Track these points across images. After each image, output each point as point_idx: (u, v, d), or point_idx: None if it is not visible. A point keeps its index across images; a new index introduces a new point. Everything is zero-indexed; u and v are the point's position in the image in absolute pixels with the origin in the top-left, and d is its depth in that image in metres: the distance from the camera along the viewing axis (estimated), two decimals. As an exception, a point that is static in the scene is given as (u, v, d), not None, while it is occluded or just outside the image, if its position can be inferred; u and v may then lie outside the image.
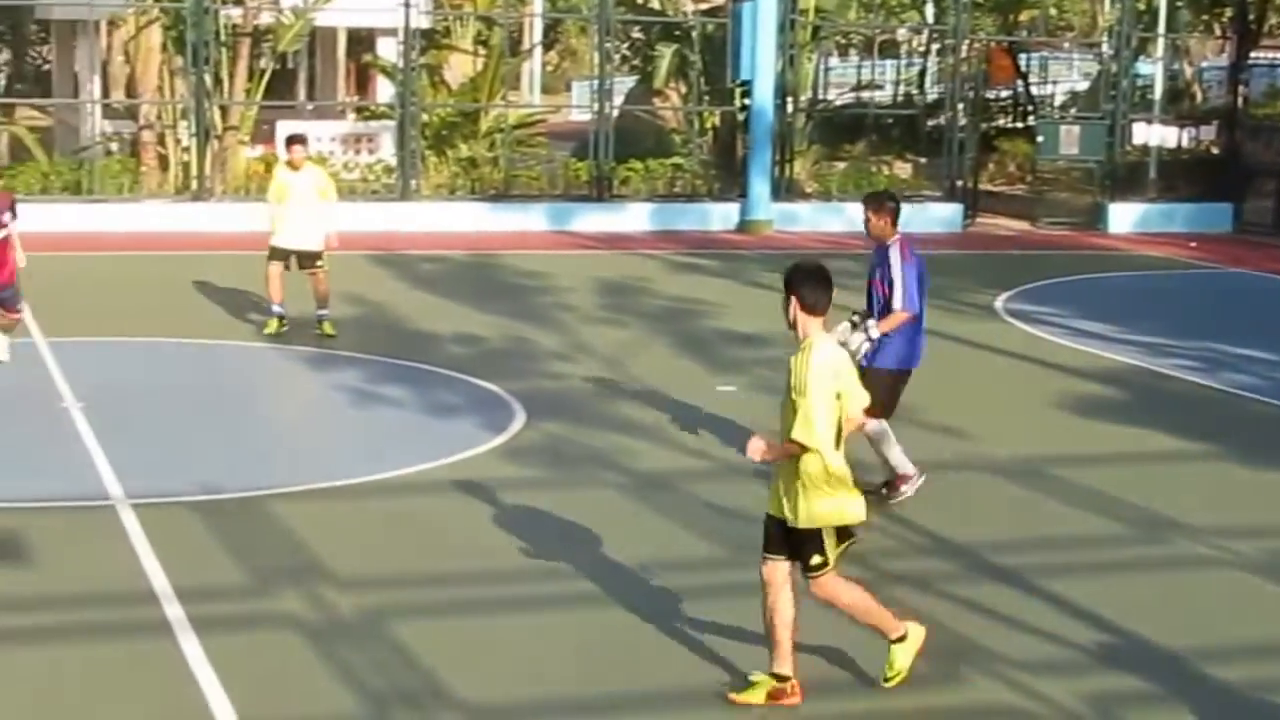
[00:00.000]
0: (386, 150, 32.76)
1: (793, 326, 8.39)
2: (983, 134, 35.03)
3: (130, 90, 32.73)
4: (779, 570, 8.46)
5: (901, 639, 8.66)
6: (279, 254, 18.35)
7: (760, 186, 30.65)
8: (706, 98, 33.70)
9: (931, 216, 31.51)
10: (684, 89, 34.77)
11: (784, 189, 31.64)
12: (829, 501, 8.33)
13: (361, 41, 37.98)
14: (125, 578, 10.21)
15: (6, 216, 14.75)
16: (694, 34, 33.33)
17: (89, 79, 33.82)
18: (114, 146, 31.92)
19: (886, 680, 8.65)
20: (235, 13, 31.18)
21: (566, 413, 14.92)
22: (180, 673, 8.71)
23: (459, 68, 35.56)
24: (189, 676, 8.66)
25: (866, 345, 11.91)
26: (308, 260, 18.38)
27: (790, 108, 32.39)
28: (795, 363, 8.24)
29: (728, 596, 9.96)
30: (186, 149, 29.83)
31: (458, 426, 14.49)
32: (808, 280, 8.35)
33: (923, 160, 35.33)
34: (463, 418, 14.83)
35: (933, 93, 38.94)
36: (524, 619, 9.84)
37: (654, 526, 11.74)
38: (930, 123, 36.50)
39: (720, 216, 30.68)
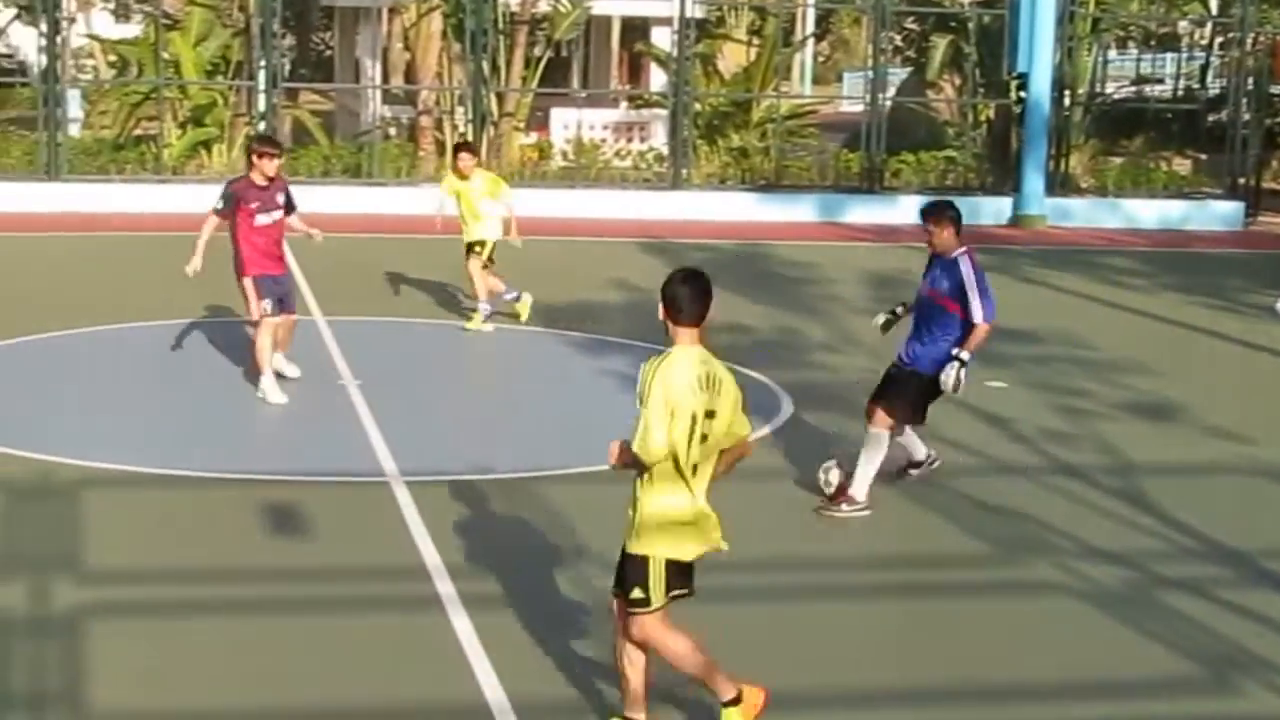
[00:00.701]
0: (658, 138, 33.00)
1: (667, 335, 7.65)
2: (1267, 130, 34.03)
3: (409, 76, 33.45)
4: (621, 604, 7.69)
5: (734, 701, 7.74)
6: (469, 248, 18.65)
7: (1034, 181, 30.21)
8: (981, 90, 33.30)
9: (1211, 214, 30.78)
10: (958, 81, 34.40)
11: (1058, 184, 31.17)
12: (662, 530, 7.52)
13: (636, 30, 38.29)
14: (398, 553, 10.44)
15: (280, 198, 14.70)
16: (970, 25, 32.93)
17: (370, 65, 34.68)
18: (392, 131, 32.67)
19: None
20: (513, 0, 31.65)
21: (835, 404, 14.86)
22: (450, 648, 8.88)
23: (732, 57, 35.63)
24: (459, 652, 8.81)
25: (964, 374, 11.50)
26: (477, 246, 18.69)
27: (1067, 101, 31.87)
28: (645, 369, 7.48)
29: (991, 595, 9.86)
30: (463, 134, 30.38)
31: (725, 414, 14.51)
32: (681, 287, 7.57)
33: (1203, 157, 34.45)
34: (730, 406, 14.85)
35: (1214, 87, 37.93)
36: (775, 608, 9.87)
37: (918, 521, 11.65)
38: (1211, 118, 35.56)
39: (992, 211, 30.28)
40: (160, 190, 28.79)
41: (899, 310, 12.06)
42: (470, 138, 29.77)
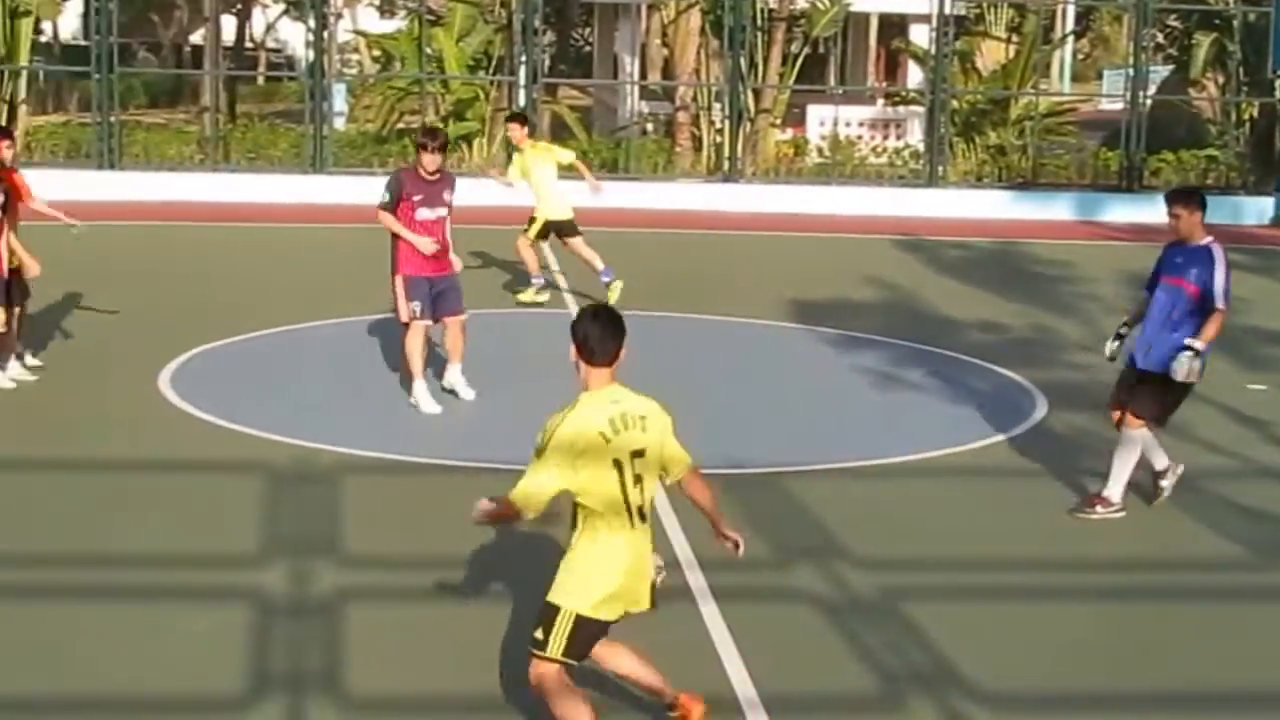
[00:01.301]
0: (914, 135, 32.78)
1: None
2: None
3: (667, 73, 33.67)
4: None
5: None
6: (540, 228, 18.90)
7: (1299, 181, 29.45)
8: (1245, 88, 32.47)
9: None
10: (1221, 79, 33.59)
11: (1326, 184, 30.30)
12: (576, 579, 7.14)
13: (893, 26, 38.08)
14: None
15: (447, 194, 13.86)
16: (1234, 23, 32.13)
17: (628, 61, 34.98)
18: (650, 127, 32.93)
19: None
20: (772, -2, 31.73)
21: (1090, 404, 14.61)
22: (700, 638, 8.92)
23: (990, 54, 35.24)
24: (708, 642, 8.85)
25: (1197, 364, 11.13)
26: (564, 230, 18.84)
27: (1336, 98, 30.98)
28: (549, 422, 7.08)
29: (1248, 599, 9.64)
30: (719, 131, 30.51)
31: (978, 413, 14.38)
32: (592, 325, 7.15)
33: None
34: (984, 404, 14.71)
35: None
36: (1031, 608, 9.75)
37: (1173, 524, 11.42)
38: None
39: (1255, 211, 29.55)
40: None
41: (1123, 330, 11.81)
42: (727, 134, 29.93)
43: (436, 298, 13.78)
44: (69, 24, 45.97)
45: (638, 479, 7.11)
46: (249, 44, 51.71)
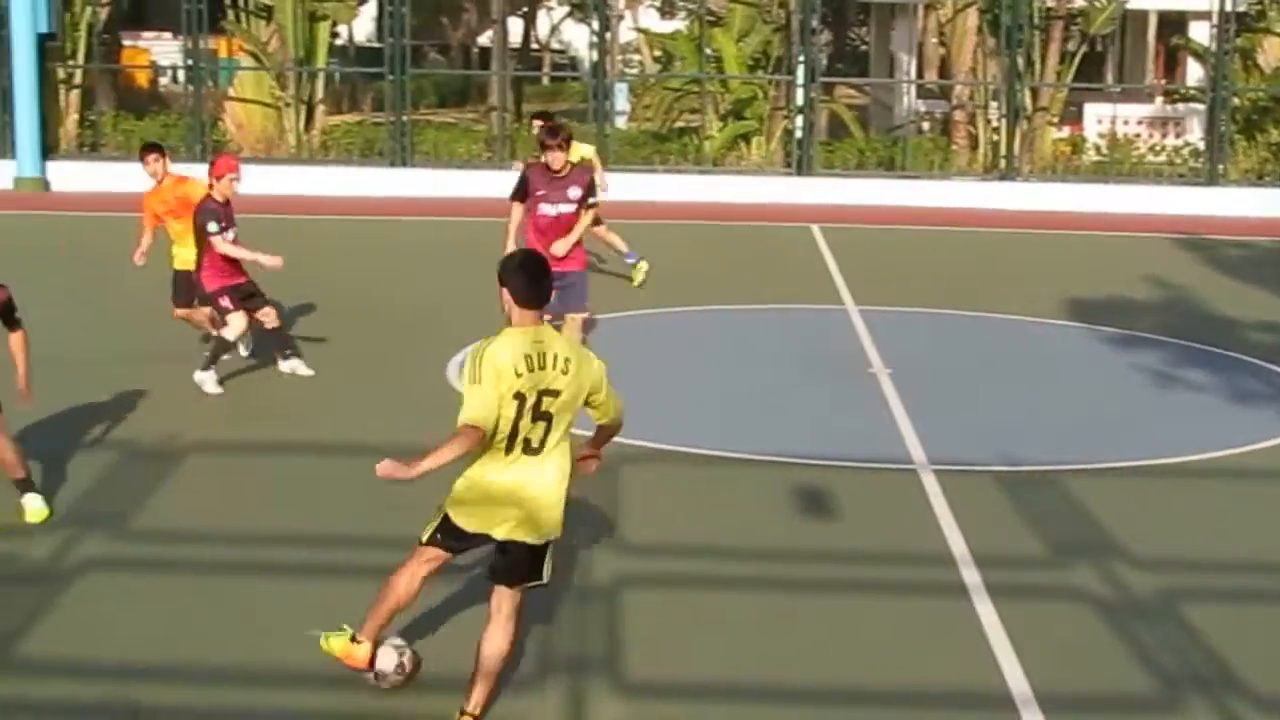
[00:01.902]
0: (1194, 134, 32.20)
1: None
2: None
3: (944, 71, 33.57)
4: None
5: (355, 641, 7.83)
6: None
7: None
8: None
9: None
10: None
11: None
12: (452, 494, 7.62)
13: (1172, 24, 37.41)
14: (925, 540, 10.54)
15: (573, 191, 14.13)
16: None
17: (904, 60, 34.98)
18: (925, 125, 32.90)
19: (316, 634, 8.00)
20: (1050, -4, 31.47)
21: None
22: (975, 636, 8.93)
23: (1272, 51, 34.41)
24: (983, 640, 8.86)
25: None
26: None
27: None
28: (475, 346, 7.43)
29: None
30: (996, 129, 30.36)
31: (1260, 414, 14.19)
32: (519, 276, 7.48)
33: None
34: (1265, 405, 14.53)
35: None
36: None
37: None
38: None
39: None
40: (700, 181, 29.84)
41: None
42: (1004, 132, 29.79)
43: (560, 292, 14.02)
44: (363, 27, 47.36)
45: (541, 415, 7.41)
46: (534, 45, 52.73)
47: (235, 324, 14.09)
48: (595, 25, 31.47)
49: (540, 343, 7.45)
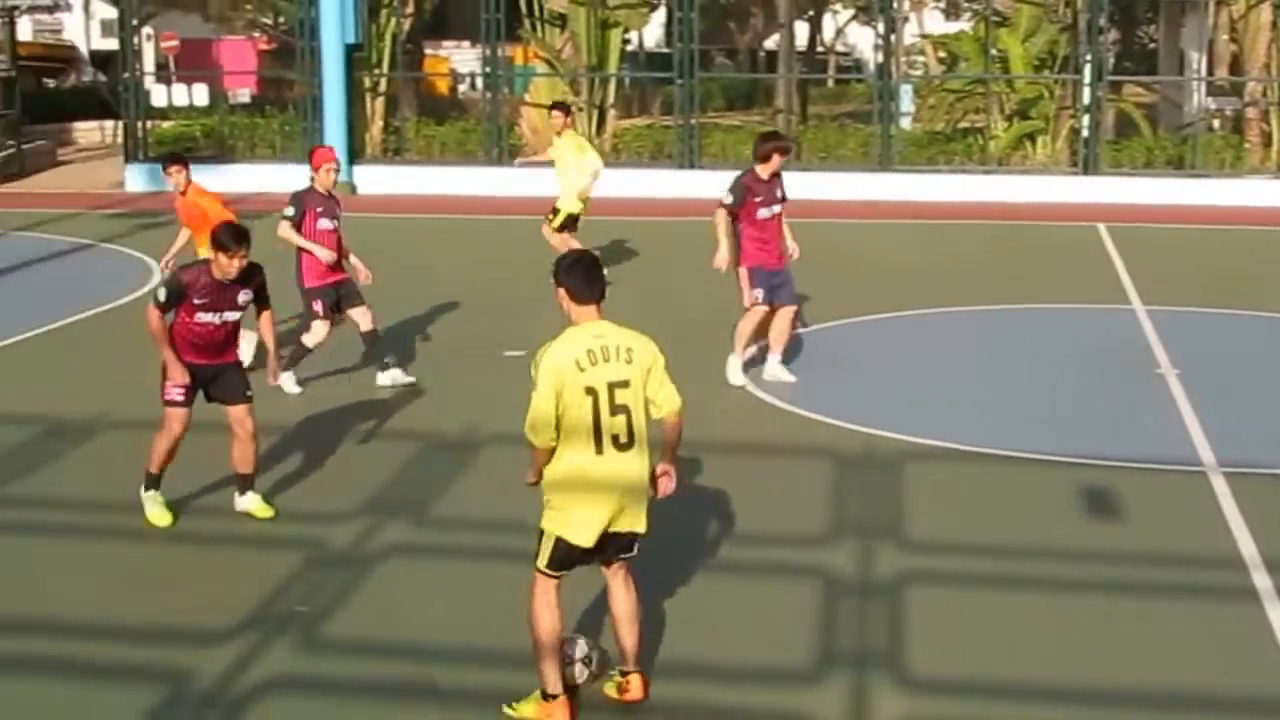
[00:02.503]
0: None
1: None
2: None
3: (1235, 68, 32.95)
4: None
5: (547, 698, 7.67)
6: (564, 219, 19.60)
7: None
8: None
9: None
10: None
11: None
12: (552, 508, 7.64)
13: None
14: (1212, 542, 10.40)
15: (779, 192, 14.50)
16: None
17: (1194, 57, 34.37)
18: (1216, 123, 32.34)
19: (507, 706, 7.81)
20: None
21: None
22: (1266, 642, 8.79)
23: None
24: (1275, 647, 8.73)
25: None
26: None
27: None
28: (539, 351, 7.56)
29: None
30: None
31: None
32: (573, 275, 7.65)
33: None
34: None
35: None
36: None
37: None
38: None
39: None
40: (985, 181, 29.81)
41: None
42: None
43: (776, 289, 14.53)
44: (653, 33, 48.05)
45: (618, 408, 7.51)
46: (820, 49, 52.91)
47: (317, 331, 14.45)
48: (880, 28, 31.63)
49: (600, 336, 7.58)
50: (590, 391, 7.45)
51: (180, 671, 8.47)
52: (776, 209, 14.51)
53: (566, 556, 7.66)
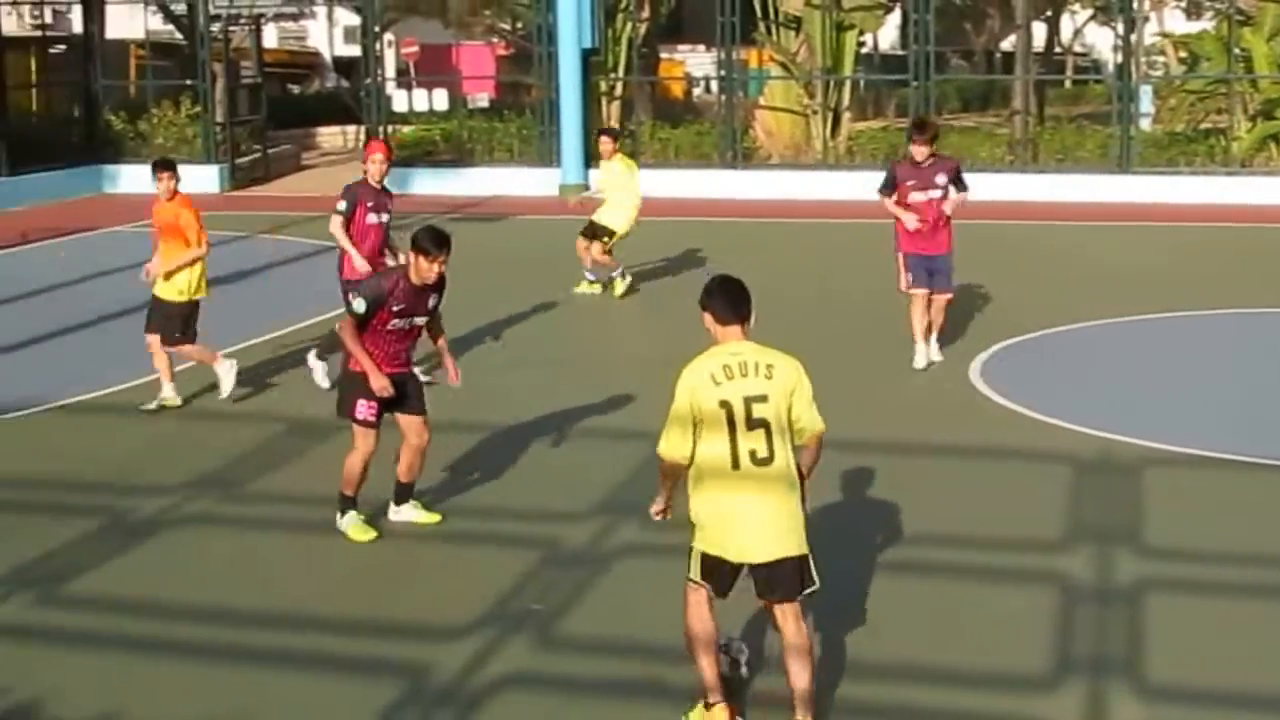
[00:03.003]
0: None
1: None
2: None
3: None
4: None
5: (709, 706, 7.64)
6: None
7: None
8: None
9: None
10: None
11: None
12: (695, 523, 7.59)
13: None
14: None
15: (940, 178, 14.89)
16: None
17: None
18: None
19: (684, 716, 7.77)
20: None
21: None
22: None
23: None
24: None
25: None
26: (599, 232, 19.05)
27: None
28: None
29: None
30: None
31: None
32: (719, 297, 7.67)
33: None
34: None
35: None
36: None
37: None
38: None
39: None
40: (1228, 183, 29.19)
41: None
42: None
43: (931, 274, 14.83)
44: (888, 35, 47.86)
45: (756, 423, 7.40)
46: (1057, 49, 52.15)
47: None
48: (1119, 27, 31.14)
49: (738, 353, 7.55)
50: (725, 405, 7.42)
51: (419, 666, 8.67)
52: (934, 194, 14.81)
53: (712, 571, 7.60)
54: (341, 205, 14.43)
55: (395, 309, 10.36)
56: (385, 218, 14.53)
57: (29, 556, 10.48)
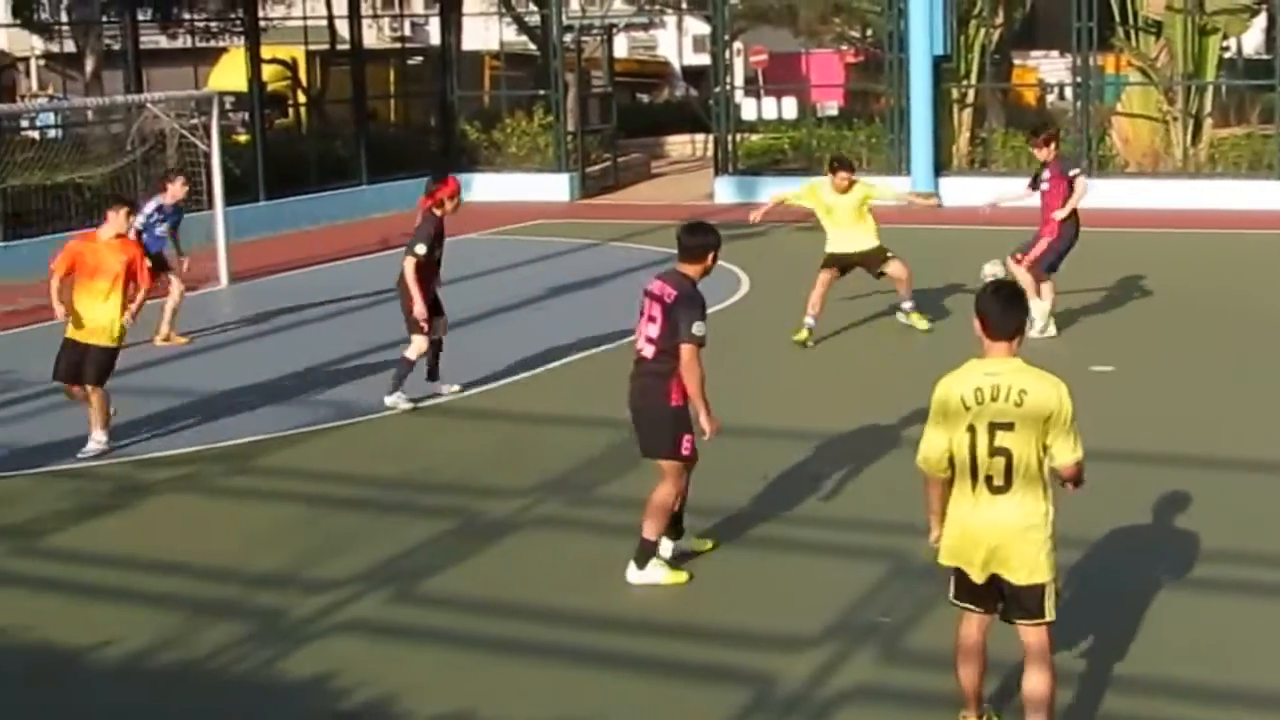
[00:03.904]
0: None
1: None
2: None
3: None
4: None
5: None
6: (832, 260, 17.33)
7: None
8: None
9: None
10: None
11: None
12: (949, 538, 7.46)
13: None
14: None
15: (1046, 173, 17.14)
16: None
17: None
18: None
19: None
20: None
21: None
22: None
23: None
24: None
25: None
26: (871, 258, 17.25)
27: None
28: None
29: None
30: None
31: None
32: (993, 302, 7.36)
33: None
34: None
35: None
36: None
37: None
38: None
39: None
40: None
41: None
42: None
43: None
44: (1253, 39, 46.30)
45: (997, 450, 7.20)
46: None
47: (417, 345, 14.62)
48: None
49: (994, 374, 7.28)
50: (971, 430, 7.27)
51: (766, 675, 8.66)
52: (1043, 187, 17.20)
53: (965, 590, 7.50)
54: (421, 249, 14.48)
55: None
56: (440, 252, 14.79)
57: (386, 555, 10.77)
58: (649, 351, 9.99)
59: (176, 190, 18.51)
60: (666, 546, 10.27)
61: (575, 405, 14.92)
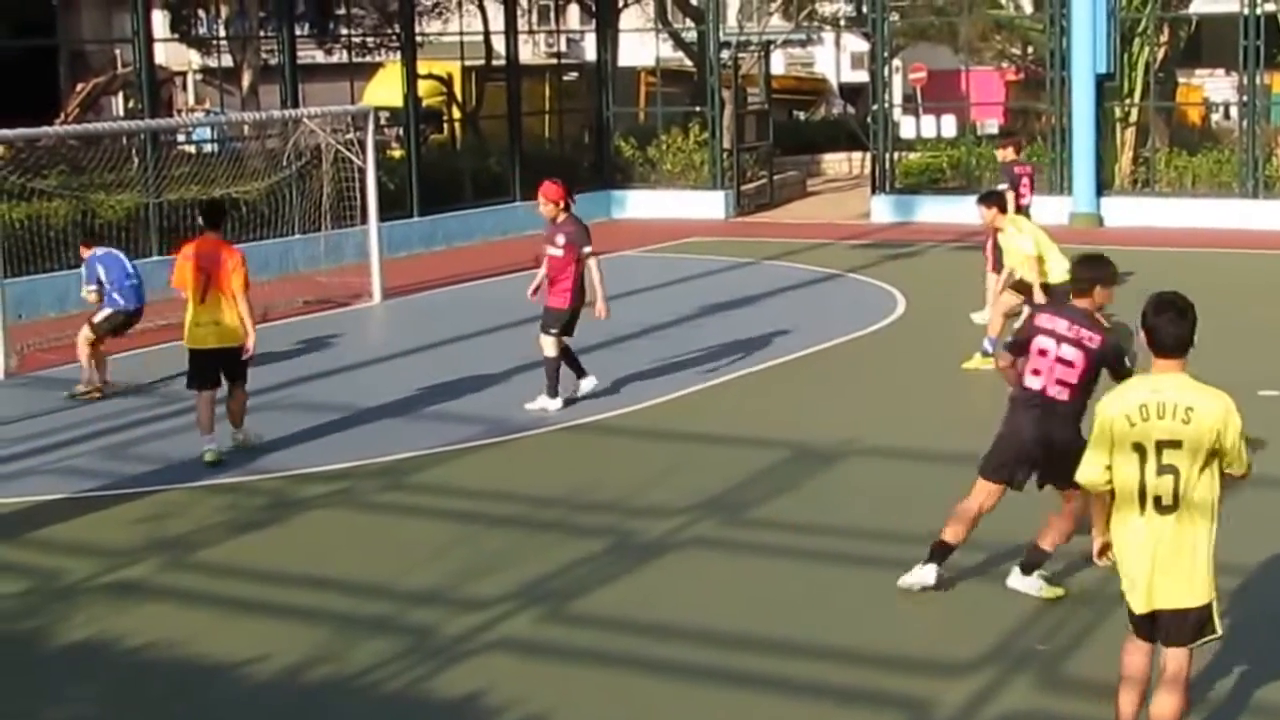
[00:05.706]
0: None
1: None
2: None
3: None
4: None
5: None
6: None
7: None
8: None
9: None
10: None
11: None
12: (1122, 563, 7.24)
13: None
14: None
15: None
16: None
17: None
18: None
19: None
20: None
21: None
22: None
23: None
24: None
25: None
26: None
27: None
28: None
29: None
30: None
31: None
32: (1159, 316, 7.06)
33: None
34: None
35: None
36: None
37: None
38: None
39: None
40: None
41: None
42: None
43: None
44: None
45: (1165, 469, 6.98)
46: None
47: (547, 345, 15.20)
48: None
49: (1159, 390, 7.05)
50: (1138, 448, 7.05)
51: (921, 701, 8.55)
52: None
53: (1134, 619, 7.32)
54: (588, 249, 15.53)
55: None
56: (548, 249, 15.60)
57: (538, 573, 10.73)
58: (1064, 395, 9.61)
59: None
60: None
61: (732, 425, 14.85)
